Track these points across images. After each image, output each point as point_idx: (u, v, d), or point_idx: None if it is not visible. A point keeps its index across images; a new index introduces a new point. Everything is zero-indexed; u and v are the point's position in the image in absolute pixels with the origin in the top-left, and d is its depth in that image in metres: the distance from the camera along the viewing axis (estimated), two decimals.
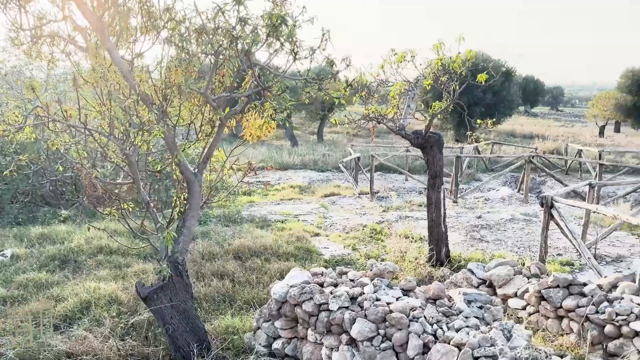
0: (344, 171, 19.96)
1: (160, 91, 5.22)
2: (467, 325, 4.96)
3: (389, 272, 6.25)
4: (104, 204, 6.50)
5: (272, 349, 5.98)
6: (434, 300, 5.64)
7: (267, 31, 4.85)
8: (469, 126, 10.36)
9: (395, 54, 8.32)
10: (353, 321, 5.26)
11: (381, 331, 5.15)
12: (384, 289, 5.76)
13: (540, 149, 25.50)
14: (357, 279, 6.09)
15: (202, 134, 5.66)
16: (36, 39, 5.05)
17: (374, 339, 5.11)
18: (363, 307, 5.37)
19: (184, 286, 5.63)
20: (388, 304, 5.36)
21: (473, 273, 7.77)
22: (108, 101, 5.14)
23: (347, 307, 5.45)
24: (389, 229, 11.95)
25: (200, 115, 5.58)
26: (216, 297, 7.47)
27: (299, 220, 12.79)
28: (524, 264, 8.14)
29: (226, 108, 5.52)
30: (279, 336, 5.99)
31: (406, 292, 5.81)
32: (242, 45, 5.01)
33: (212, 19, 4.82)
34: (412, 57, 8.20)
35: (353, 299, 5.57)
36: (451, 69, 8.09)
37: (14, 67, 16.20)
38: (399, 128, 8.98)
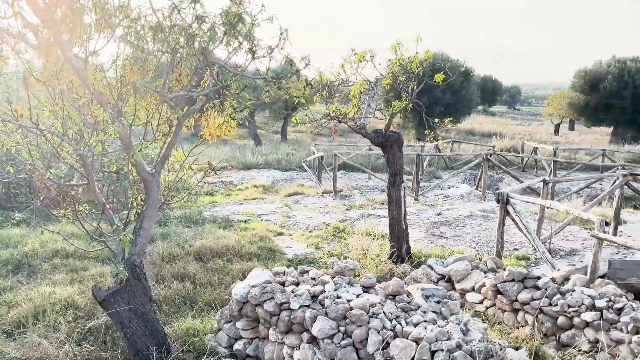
0: (308, 170, 20.00)
1: (116, 90, 5.11)
2: (425, 320, 5.07)
3: (349, 269, 6.31)
4: (58, 206, 6.32)
5: (234, 350, 5.94)
6: (394, 296, 5.72)
7: (225, 29, 4.82)
8: (427, 125, 10.52)
9: (355, 53, 8.39)
10: (314, 319, 5.29)
11: (342, 328, 5.20)
12: (344, 287, 5.81)
13: (498, 147, 26.20)
14: (319, 278, 6.12)
15: (159, 133, 5.58)
16: None
17: (335, 336, 5.15)
18: (324, 305, 5.41)
19: (142, 289, 5.53)
20: (349, 301, 5.42)
21: (432, 269, 7.92)
22: (61, 100, 4.99)
23: (308, 306, 5.48)
24: (351, 227, 12.04)
25: (157, 115, 5.49)
26: (176, 299, 7.37)
27: (262, 220, 12.74)
28: (481, 259, 8.35)
29: (184, 107, 5.45)
30: (241, 337, 5.97)
31: (366, 289, 5.88)
32: (200, 43, 4.96)
33: (167, 16, 4.75)
34: (372, 57, 8.28)
35: (314, 297, 5.60)
36: (409, 68, 8.22)
37: None
38: (359, 127, 9.06)
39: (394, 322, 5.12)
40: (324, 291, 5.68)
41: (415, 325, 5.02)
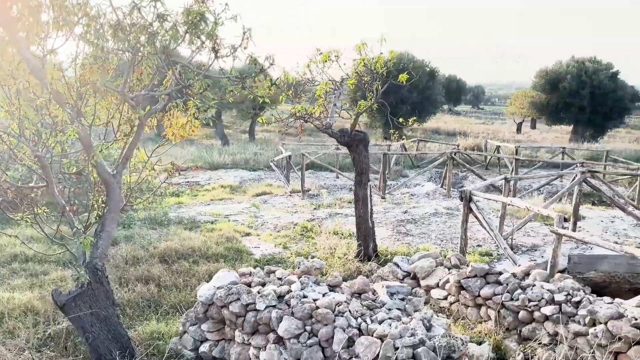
0: (276, 170, 19.94)
1: (75, 89, 5.00)
2: (389, 317, 5.13)
3: (316, 269, 6.33)
4: (16, 209, 6.14)
5: (200, 352, 5.90)
6: (359, 295, 5.78)
7: (187, 28, 4.77)
8: (392, 124, 10.64)
9: (321, 53, 8.42)
10: (280, 319, 5.29)
11: (308, 328, 5.21)
12: (311, 286, 5.83)
13: (462, 146, 26.68)
14: (285, 278, 6.13)
15: (120, 133, 5.48)
16: None
17: (301, 335, 5.17)
18: (290, 305, 5.42)
19: (104, 292, 5.43)
20: (315, 300, 5.44)
21: (398, 266, 8.02)
22: (17, 100, 4.86)
23: (274, 306, 5.47)
24: (319, 226, 12.08)
25: (119, 115, 5.40)
26: (141, 302, 7.26)
27: (229, 221, 12.65)
28: (445, 256, 8.49)
29: (146, 107, 5.37)
30: (206, 339, 5.92)
31: (332, 287, 5.91)
32: (161, 42, 4.89)
33: (127, 14, 4.67)
34: (337, 57, 8.33)
35: (280, 297, 5.60)
36: (373, 69, 8.29)
37: None
38: (325, 127, 9.10)
39: (359, 320, 5.17)
40: (291, 291, 5.69)
41: (380, 322, 5.08)
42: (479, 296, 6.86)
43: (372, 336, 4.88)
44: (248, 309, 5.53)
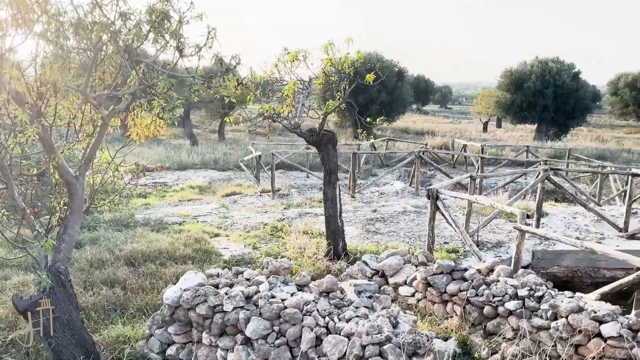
0: (245, 170, 19.84)
1: (35, 89, 4.87)
2: (357, 315, 5.17)
3: (284, 268, 6.33)
4: None
5: (166, 355, 5.82)
6: (327, 293, 5.80)
7: (150, 27, 4.71)
8: (360, 124, 10.71)
9: (288, 52, 8.41)
10: (248, 320, 5.28)
11: (275, 328, 5.21)
12: (279, 286, 5.83)
13: (430, 145, 27.05)
14: (254, 278, 6.11)
15: (83, 134, 5.36)
16: None
17: (269, 336, 5.16)
18: (258, 305, 5.40)
19: (68, 297, 5.31)
20: (283, 300, 5.44)
21: (367, 265, 8.09)
22: None
23: (242, 307, 5.45)
24: (289, 226, 12.06)
25: (81, 115, 5.28)
26: (106, 306, 7.12)
27: (198, 222, 12.50)
28: (413, 254, 8.60)
29: (109, 106, 5.27)
30: (173, 342, 5.85)
31: (301, 287, 5.92)
32: (124, 41, 4.81)
33: (88, 12, 4.58)
34: (305, 57, 8.33)
35: (248, 298, 5.58)
36: (341, 69, 8.33)
37: None
38: (293, 126, 9.09)
39: (327, 319, 5.19)
40: (259, 292, 5.67)
41: (348, 320, 5.11)
42: (445, 293, 6.97)
43: (340, 335, 4.91)
44: (215, 310, 5.49)
